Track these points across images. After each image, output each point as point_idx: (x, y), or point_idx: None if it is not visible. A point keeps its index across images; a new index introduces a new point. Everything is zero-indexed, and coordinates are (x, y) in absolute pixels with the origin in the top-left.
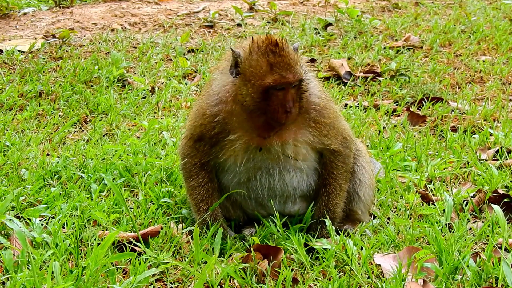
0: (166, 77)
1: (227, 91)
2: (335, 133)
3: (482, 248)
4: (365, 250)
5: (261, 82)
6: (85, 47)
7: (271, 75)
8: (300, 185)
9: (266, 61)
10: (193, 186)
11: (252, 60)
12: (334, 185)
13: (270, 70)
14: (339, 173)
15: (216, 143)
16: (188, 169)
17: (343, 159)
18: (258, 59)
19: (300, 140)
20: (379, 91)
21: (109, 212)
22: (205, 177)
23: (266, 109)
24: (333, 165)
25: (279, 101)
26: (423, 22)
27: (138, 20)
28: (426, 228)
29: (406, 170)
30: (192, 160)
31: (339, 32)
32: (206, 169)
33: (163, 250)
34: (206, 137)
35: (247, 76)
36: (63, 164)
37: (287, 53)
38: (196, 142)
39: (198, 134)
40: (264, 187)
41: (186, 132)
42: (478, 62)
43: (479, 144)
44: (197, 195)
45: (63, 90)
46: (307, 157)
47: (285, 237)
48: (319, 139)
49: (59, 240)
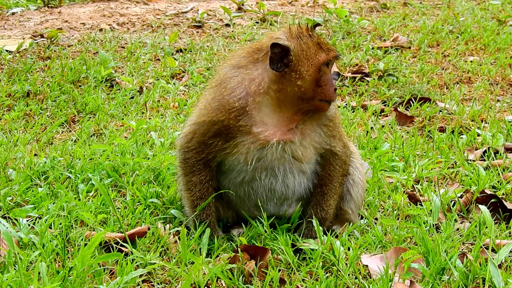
0: (154, 77)
1: (258, 84)
2: (339, 136)
3: (469, 248)
4: (352, 251)
5: (316, 60)
6: (73, 47)
7: (322, 52)
8: (299, 189)
9: (315, 42)
10: (194, 182)
11: (303, 44)
12: (330, 186)
13: (320, 48)
14: (335, 176)
15: (231, 139)
16: (191, 164)
17: (341, 163)
18: (307, 42)
19: (314, 139)
20: (367, 92)
21: (96, 212)
22: (207, 175)
23: (317, 91)
24: (331, 167)
25: (328, 79)
26: (411, 23)
27: (127, 20)
28: (414, 229)
29: (393, 170)
30: (197, 155)
31: (328, 32)
32: (210, 166)
33: (150, 251)
34: (223, 133)
35: (300, 61)
36: (50, 164)
37: (319, 35)
38: (210, 138)
39: (216, 130)
40: (265, 189)
41: (194, 126)
42: (466, 62)
43: (467, 145)
44: (197, 193)
45: (51, 90)
46: (311, 159)
47: (272, 238)
48: (327, 140)
49: (46, 241)
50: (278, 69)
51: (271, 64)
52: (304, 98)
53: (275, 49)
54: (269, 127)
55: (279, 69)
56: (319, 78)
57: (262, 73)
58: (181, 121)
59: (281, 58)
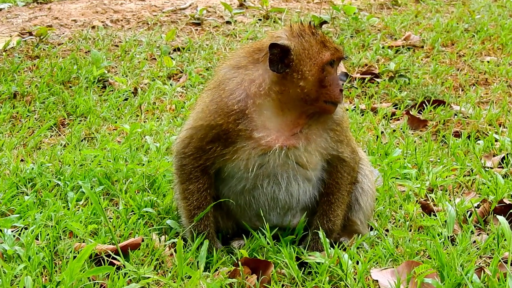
0: (149, 77)
1: (259, 85)
2: (347, 141)
3: (486, 262)
4: (361, 265)
5: (319, 59)
6: (64, 46)
7: (326, 50)
8: (304, 197)
9: (318, 41)
10: (191, 191)
11: (305, 43)
12: (337, 195)
13: (323, 46)
14: (343, 183)
15: (231, 144)
16: (188, 171)
17: (349, 170)
18: (310, 40)
19: (320, 144)
20: (377, 94)
21: (86, 222)
22: (205, 182)
23: (321, 92)
24: (339, 175)
25: (333, 79)
26: (424, 20)
27: (121, 16)
28: (427, 241)
29: (405, 178)
30: (195, 162)
31: (335, 30)
32: (208, 173)
33: (144, 264)
34: (222, 138)
35: (302, 61)
36: (38, 171)
37: (324, 33)
38: (209, 144)
39: (214, 135)
40: (267, 197)
41: (191, 131)
42: (482, 62)
43: (484, 151)
44: (194, 202)
45: (40, 91)
46: (317, 166)
47: (275, 250)
48: (334, 145)
49: (32, 253)
50: (278, 71)
51: (271, 66)
52: (308, 100)
53: (273, 49)
54: (271, 132)
55: (279, 70)
56: (323, 78)
57: (263, 74)
58: (178, 125)
59: (281, 59)
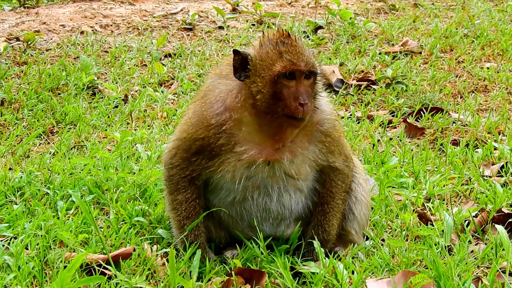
0: (140, 84)
1: (235, 96)
2: (340, 150)
3: (484, 272)
4: (357, 275)
5: (271, 70)
6: (52, 51)
7: (281, 62)
8: (297, 207)
9: (277, 51)
10: (180, 201)
11: (263, 53)
12: (331, 204)
13: (279, 57)
14: (337, 192)
15: (215, 156)
16: (176, 182)
17: (343, 178)
18: (268, 50)
19: (307, 157)
20: (373, 101)
21: (76, 232)
22: (194, 193)
23: (279, 105)
24: (332, 183)
25: (291, 93)
26: (422, 25)
27: (110, 21)
28: (424, 251)
29: (402, 187)
30: (182, 172)
31: (330, 36)
32: (196, 184)
33: (136, 274)
34: (206, 150)
35: (257, 71)
36: (26, 179)
37: (299, 43)
38: (193, 155)
39: (198, 147)
40: (259, 208)
41: (177, 142)
42: (482, 69)
43: (483, 159)
44: (183, 212)
45: (28, 99)
46: (308, 176)
47: (269, 260)
48: (325, 156)
49: (22, 263)
50: (239, 78)
51: (235, 72)
52: (268, 113)
53: (235, 56)
54: (253, 146)
55: (240, 77)
56: (277, 91)
57: (240, 85)
58: (169, 133)
59: (242, 67)
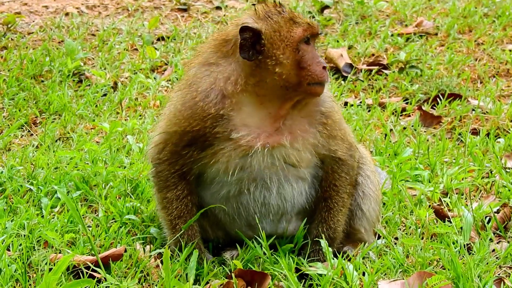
0: (131, 70)
1: (234, 82)
2: (342, 135)
3: (507, 273)
4: (368, 276)
5: (292, 37)
6: (34, 35)
7: (298, 27)
8: (300, 198)
9: (287, 19)
10: (170, 199)
11: (273, 23)
12: (336, 199)
13: (294, 23)
14: (342, 185)
15: (208, 146)
16: (165, 178)
17: (347, 170)
18: (278, 20)
19: (308, 140)
20: (385, 87)
21: (63, 231)
22: (184, 189)
23: (302, 74)
24: (335, 175)
25: (312, 58)
26: (438, 4)
27: (98, 2)
28: (441, 250)
29: (417, 180)
30: (171, 167)
31: (338, 16)
32: (187, 179)
33: (127, 277)
34: (199, 141)
35: (274, 44)
36: (8, 175)
37: (292, 9)
38: (184, 148)
39: (190, 139)
40: (257, 203)
41: (165, 135)
42: (503, 51)
43: (505, 150)
44: (174, 210)
45: (8, 86)
46: (310, 163)
47: (272, 261)
48: (326, 141)
49: (4, 265)
50: (250, 58)
51: (242, 52)
52: (289, 86)
53: (245, 33)
54: (251, 130)
55: (251, 57)
56: (300, 59)
57: (237, 68)
58: None
59: (252, 45)
